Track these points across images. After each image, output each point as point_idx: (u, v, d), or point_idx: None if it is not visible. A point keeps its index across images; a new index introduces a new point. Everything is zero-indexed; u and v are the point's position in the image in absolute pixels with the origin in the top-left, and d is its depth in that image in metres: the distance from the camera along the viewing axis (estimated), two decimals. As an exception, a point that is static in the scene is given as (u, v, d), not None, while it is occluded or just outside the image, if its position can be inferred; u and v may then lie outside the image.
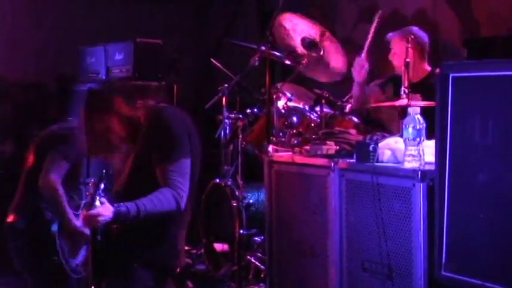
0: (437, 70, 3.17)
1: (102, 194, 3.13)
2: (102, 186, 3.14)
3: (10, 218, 3.94)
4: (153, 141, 3.26)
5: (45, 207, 3.89)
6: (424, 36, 4.73)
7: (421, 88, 4.30)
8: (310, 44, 4.71)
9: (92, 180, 3.18)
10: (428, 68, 4.72)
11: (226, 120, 5.08)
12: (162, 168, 3.21)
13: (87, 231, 3.58)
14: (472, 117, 2.82)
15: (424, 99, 3.90)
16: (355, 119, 4.36)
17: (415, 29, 4.73)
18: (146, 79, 5.44)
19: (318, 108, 4.40)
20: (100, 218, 3.10)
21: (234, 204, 4.77)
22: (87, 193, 3.16)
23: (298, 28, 4.75)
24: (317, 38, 4.72)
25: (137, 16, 7.24)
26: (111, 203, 3.12)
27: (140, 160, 3.31)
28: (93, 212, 3.11)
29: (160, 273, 3.32)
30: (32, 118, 6.78)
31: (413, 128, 3.15)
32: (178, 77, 5.39)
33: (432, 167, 3.04)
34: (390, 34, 4.74)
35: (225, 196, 4.91)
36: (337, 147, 3.82)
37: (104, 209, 3.10)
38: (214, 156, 5.44)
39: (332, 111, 4.46)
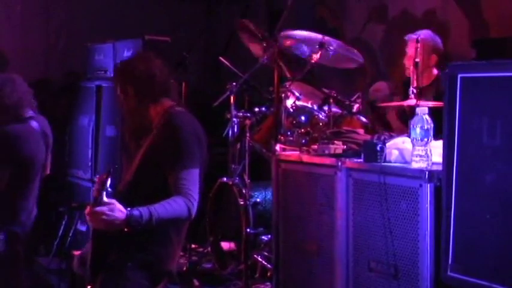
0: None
1: (110, 190, 3.05)
2: (109, 182, 3.03)
3: None
4: (164, 147, 3.26)
5: None
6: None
7: (431, 91, 4.32)
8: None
9: (98, 176, 3.12)
10: (436, 72, 4.75)
11: (234, 119, 5.07)
12: (174, 176, 3.20)
13: None
14: (480, 118, 2.81)
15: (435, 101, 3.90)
16: (363, 119, 4.35)
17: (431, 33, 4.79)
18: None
19: (326, 108, 4.40)
20: (106, 218, 3.00)
21: (241, 202, 4.77)
22: (94, 189, 3.08)
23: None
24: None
25: (147, 13, 7.25)
26: (124, 206, 3.04)
27: (147, 161, 3.31)
28: (99, 209, 3.00)
29: (155, 274, 3.29)
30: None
31: (421, 128, 3.14)
32: (187, 75, 5.38)
33: (439, 168, 3.03)
34: (408, 36, 4.76)
35: (232, 195, 4.91)
36: (345, 146, 3.81)
37: (114, 210, 3.01)
38: (222, 154, 5.44)
39: (340, 111, 4.46)
